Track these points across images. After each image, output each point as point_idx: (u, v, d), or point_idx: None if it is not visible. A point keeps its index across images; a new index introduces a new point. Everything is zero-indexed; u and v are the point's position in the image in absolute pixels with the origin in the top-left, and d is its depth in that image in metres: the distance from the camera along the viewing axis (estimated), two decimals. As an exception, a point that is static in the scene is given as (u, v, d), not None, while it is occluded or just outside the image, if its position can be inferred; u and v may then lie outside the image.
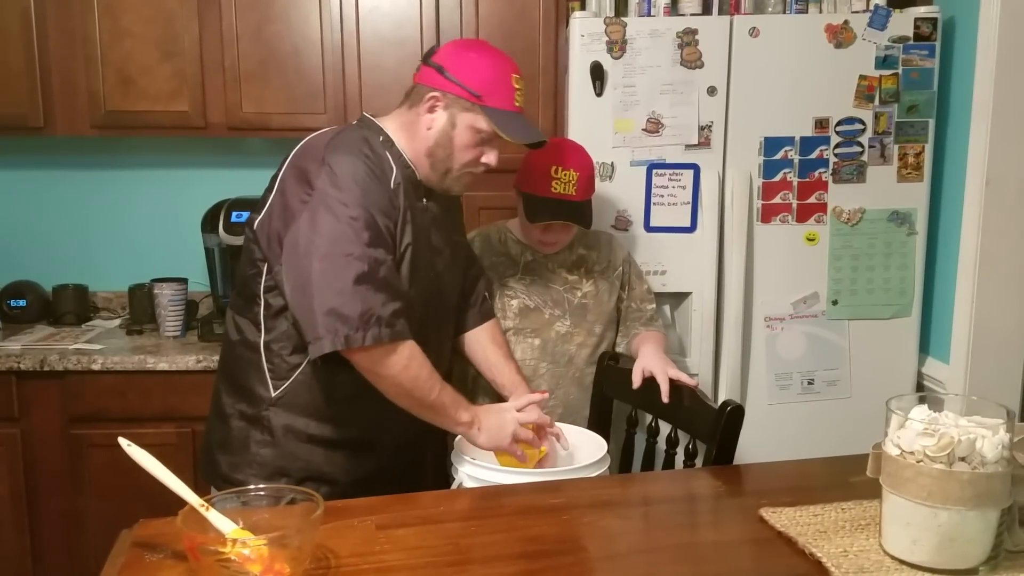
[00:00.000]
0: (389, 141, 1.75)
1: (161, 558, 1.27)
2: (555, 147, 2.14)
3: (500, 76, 1.72)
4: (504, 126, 1.71)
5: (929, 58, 2.46)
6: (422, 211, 1.77)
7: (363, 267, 1.58)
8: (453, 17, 2.71)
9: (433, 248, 1.80)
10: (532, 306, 2.20)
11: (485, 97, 1.70)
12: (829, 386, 2.58)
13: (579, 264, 2.26)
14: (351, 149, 1.68)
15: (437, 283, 1.83)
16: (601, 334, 2.25)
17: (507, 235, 2.28)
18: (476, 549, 1.31)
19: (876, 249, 2.54)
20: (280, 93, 2.74)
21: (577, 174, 2.07)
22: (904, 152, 2.51)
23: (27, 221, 3.11)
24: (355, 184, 1.63)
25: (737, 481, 1.66)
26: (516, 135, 1.73)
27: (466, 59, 1.72)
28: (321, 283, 1.58)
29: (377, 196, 1.65)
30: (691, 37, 2.42)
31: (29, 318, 2.97)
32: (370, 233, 1.61)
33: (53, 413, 2.59)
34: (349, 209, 1.60)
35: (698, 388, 1.98)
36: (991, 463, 1.14)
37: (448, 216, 1.90)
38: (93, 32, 2.68)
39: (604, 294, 2.26)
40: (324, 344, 1.58)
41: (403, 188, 1.71)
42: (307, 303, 1.59)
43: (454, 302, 1.97)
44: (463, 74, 1.70)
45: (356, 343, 1.57)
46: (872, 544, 1.26)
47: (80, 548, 2.63)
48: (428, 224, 1.79)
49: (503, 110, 1.72)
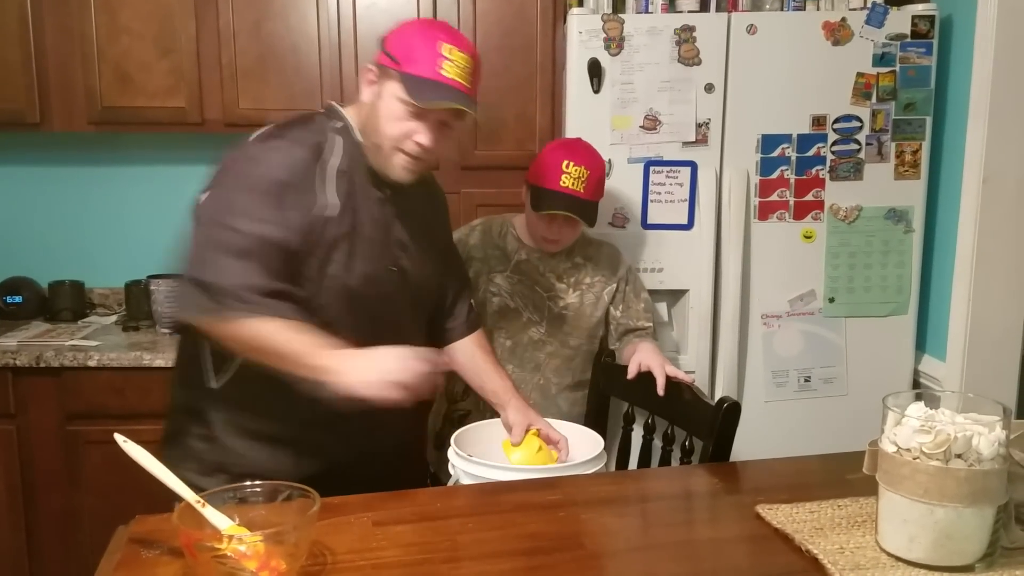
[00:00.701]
0: (346, 128, 1.67)
1: (157, 554, 1.27)
2: (570, 144, 2.16)
3: (425, 42, 1.58)
4: (413, 89, 1.56)
5: (926, 56, 2.46)
6: (379, 202, 1.68)
7: (240, 241, 1.50)
8: (450, 14, 2.70)
9: (396, 242, 1.71)
10: (512, 307, 2.19)
11: (404, 62, 1.58)
12: (826, 383, 2.58)
13: (571, 273, 2.24)
14: (279, 131, 1.63)
15: (401, 278, 1.73)
16: (576, 347, 2.23)
17: (509, 230, 2.27)
18: (473, 546, 1.31)
19: (873, 247, 2.54)
20: (277, 90, 2.74)
21: (588, 172, 2.08)
22: (901, 150, 2.51)
23: (23, 217, 3.11)
24: (266, 156, 1.57)
25: (734, 478, 1.66)
26: (421, 97, 1.56)
27: (399, 29, 1.64)
28: (197, 250, 1.53)
29: (292, 176, 1.56)
30: (689, 34, 2.42)
31: (25, 314, 2.97)
32: (263, 209, 1.52)
33: (49, 410, 2.59)
34: (245, 181, 1.54)
35: (694, 385, 1.98)
36: (987, 460, 1.14)
37: (424, 212, 1.81)
38: (90, 28, 2.68)
39: (588, 308, 2.23)
40: (183, 312, 1.53)
41: (351, 176, 1.63)
42: (182, 268, 1.55)
43: (426, 301, 1.87)
44: (390, 42, 1.62)
45: (214, 316, 1.50)
46: (868, 541, 1.26)
47: (76, 545, 2.63)
48: (388, 216, 1.69)
49: (421, 77, 1.57)
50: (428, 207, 1.86)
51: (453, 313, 1.97)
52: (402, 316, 1.77)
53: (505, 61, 2.72)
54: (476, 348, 1.97)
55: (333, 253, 1.61)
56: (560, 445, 1.84)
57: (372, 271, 1.66)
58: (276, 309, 1.50)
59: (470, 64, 1.61)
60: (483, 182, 2.37)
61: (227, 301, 1.49)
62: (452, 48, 1.58)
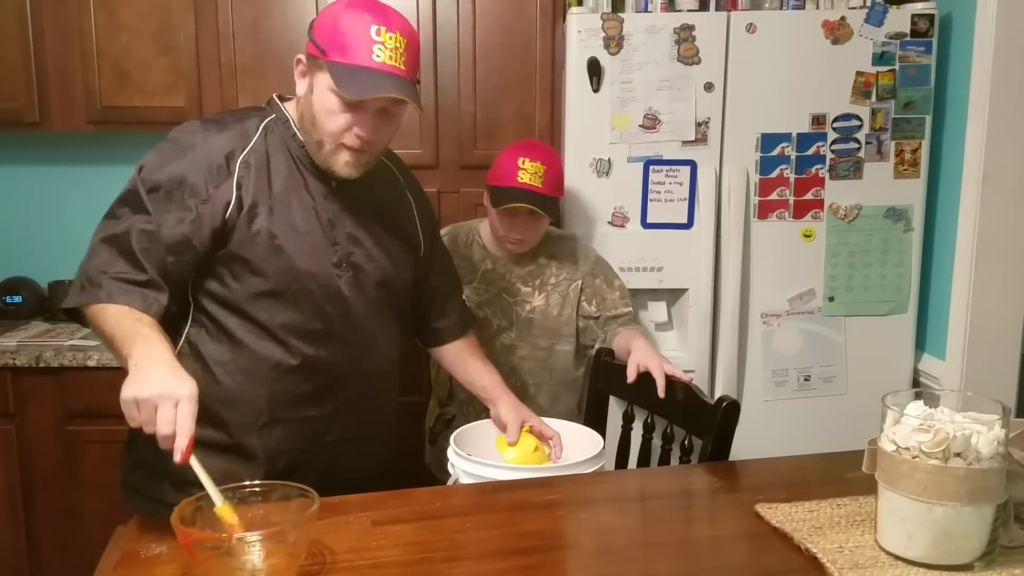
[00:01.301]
0: (280, 120, 1.61)
1: (156, 554, 1.27)
2: (526, 143, 2.19)
3: (353, 26, 1.45)
4: (343, 79, 1.45)
5: (926, 54, 2.46)
6: (324, 196, 1.60)
7: (117, 228, 1.49)
8: (450, 13, 2.70)
9: (346, 236, 1.63)
10: (480, 316, 2.20)
11: (331, 50, 1.46)
12: (825, 382, 2.58)
13: (536, 274, 2.24)
14: (185, 125, 1.60)
15: (354, 275, 1.64)
16: (548, 347, 2.23)
17: (475, 238, 2.27)
18: (471, 545, 1.31)
19: (872, 245, 2.54)
20: (276, 88, 2.66)
21: (544, 167, 2.10)
22: (901, 148, 2.51)
23: (23, 217, 3.11)
24: (159, 154, 1.53)
25: (733, 477, 1.66)
26: (352, 88, 1.45)
27: (324, 13, 1.52)
28: (92, 238, 1.54)
29: (196, 172, 1.51)
30: (688, 33, 2.42)
31: (25, 314, 2.96)
32: (151, 199, 1.49)
33: (49, 409, 2.59)
34: (141, 173, 1.52)
35: (693, 383, 1.98)
36: (986, 459, 1.14)
37: (384, 203, 1.72)
38: (89, 27, 2.67)
39: (554, 308, 2.23)
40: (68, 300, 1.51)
41: (265, 168, 1.56)
42: None
43: (396, 297, 1.77)
44: (317, 29, 1.51)
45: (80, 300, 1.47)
46: (868, 540, 1.26)
47: (76, 544, 2.63)
48: (333, 211, 1.61)
49: (351, 65, 1.45)
50: (390, 197, 1.76)
51: (444, 312, 1.92)
52: (361, 315, 1.67)
53: (504, 59, 2.72)
54: (466, 346, 1.95)
55: (254, 251, 1.54)
56: (553, 442, 1.84)
57: (311, 268, 1.58)
58: (126, 294, 1.44)
59: (403, 44, 1.48)
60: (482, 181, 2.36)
61: (85, 284, 1.47)
62: (381, 28, 1.46)
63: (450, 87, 2.73)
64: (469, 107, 2.73)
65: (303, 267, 1.57)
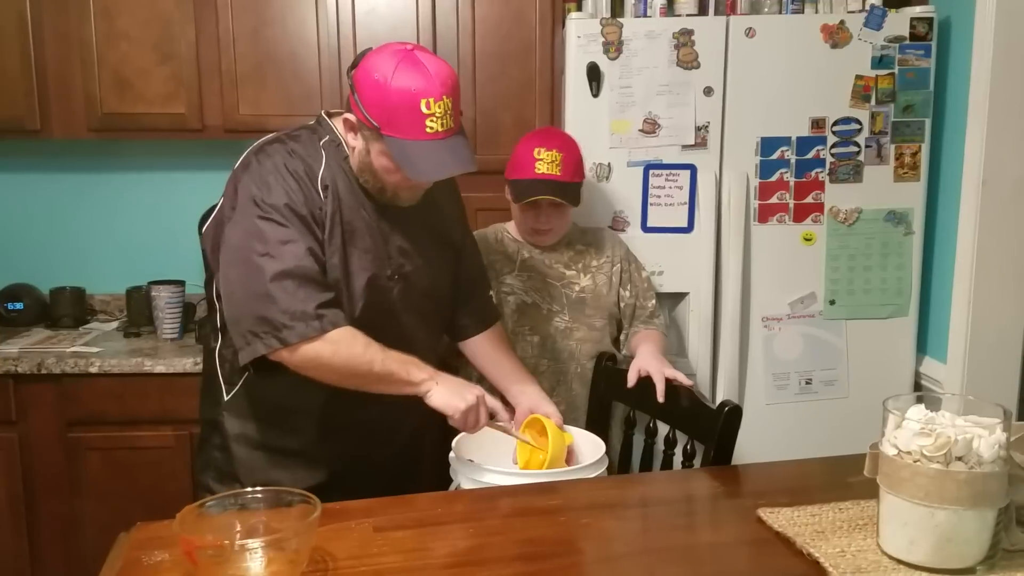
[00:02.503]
0: (336, 142, 1.69)
1: (159, 561, 1.26)
2: (539, 132, 2.21)
3: (405, 102, 1.53)
4: (406, 159, 1.55)
5: (925, 58, 2.47)
6: (376, 210, 1.70)
7: (278, 266, 1.54)
8: (449, 19, 2.71)
9: (397, 249, 1.73)
10: (530, 302, 2.21)
11: (385, 126, 1.55)
12: (826, 386, 2.58)
13: (576, 260, 2.27)
14: (273, 148, 1.65)
15: (404, 286, 1.75)
16: (602, 328, 2.25)
17: (504, 234, 2.29)
18: (474, 551, 1.31)
19: (873, 249, 2.54)
20: (277, 96, 2.74)
21: (561, 154, 2.09)
22: (900, 152, 2.51)
23: (24, 224, 3.11)
24: (271, 181, 1.59)
25: (735, 481, 1.66)
26: (418, 171, 1.57)
27: (370, 83, 1.56)
28: (240, 289, 1.57)
29: (296, 189, 1.60)
30: (687, 38, 2.43)
31: (26, 321, 2.96)
32: (287, 228, 1.57)
33: (50, 416, 2.59)
34: (262, 208, 1.57)
35: (695, 387, 1.98)
36: (988, 463, 1.14)
37: (430, 213, 1.80)
38: (89, 35, 2.68)
39: (603, 288, 2.26)
40: (252, 349, 1.56)
41: (336, 190, 1.65)
42: (232, 311, 1.60)
43: (439, 308, 1.89)
44: (366, 98, 1.57)
45: (279, 344, 1.54)
46: (870, 544, 1.26)
47: (77, 551, 2.63)
48: (385, 225, 1.71)
49: (408, 140, 1.54)
50: (435, 205, 1.82)
51: (468, 308, 1.97)
52: (409, 325, 1.77)
53: (504, 65, 2.72)
54: (492, 339, 1.98)
55: (329, 264, 1.63)
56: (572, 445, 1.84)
57: (371, 281, 1.68)
58: (336, 319, 1.57)
59: (449, 104, 1.56)
60: (482, 186, 2.37)
61: (295, 325, 1.53)
62: (430, 100, 1.53)
63: (450, 93, 2.73)
64: (469, 113, 2.73)
65: (366, 280, 1.67)
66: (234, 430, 1.76)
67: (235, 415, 1.76)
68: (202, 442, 1.83)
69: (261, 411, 1.74)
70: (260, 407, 1.74)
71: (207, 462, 1.81)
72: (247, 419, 1.75)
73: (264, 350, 1.55)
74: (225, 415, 1.76)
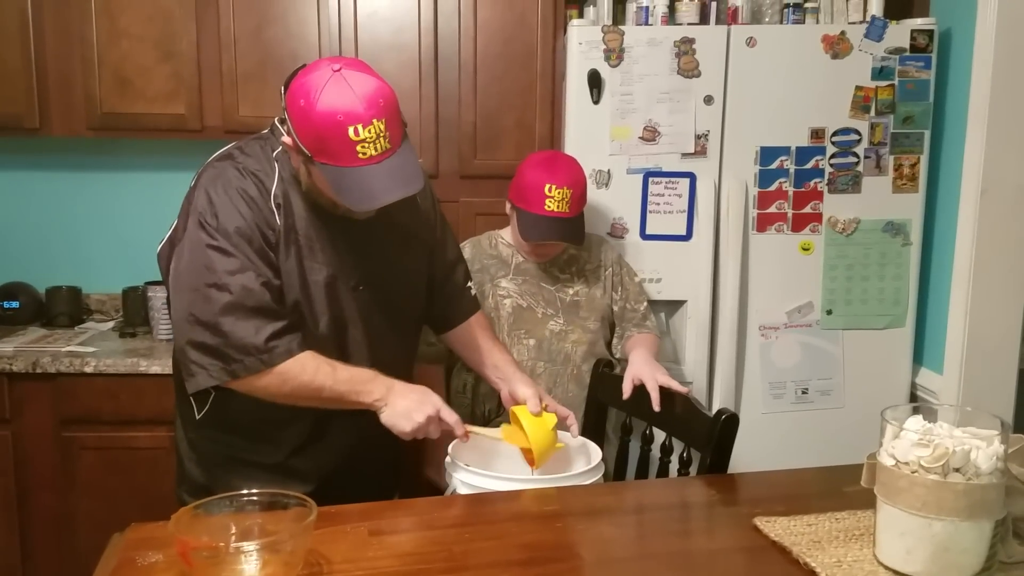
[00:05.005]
0: (286, 154, 1.62)
1: (153, 562, 1.26)
2: (548, 163, 2.16)
3: (331, 131, 1.44)
4: (342, 188, 1.48)
5: (925, 69, 2.47)
6: (336, 222, 1.64)
7: (227, 297, 1.51)
8: (452, 23, 2.71)
9: (363, 259, 1.69)
10: (525, 306, 2.22)
11: (316, 154, 1.48)
12: (823, 395, 2.58)
13: (570, 264, 2.29)
14: (223, 166, 1.61)
15: (371, 297, 1.71)
16: (596, 330, 2.26)
17: (498, 240, 2.31)
18: (469, 556, 1.31)
19: (871, 259, 2.54)
20: (277, 96, 2.72)
21: (571, 192, 2.11)
22: (899, 163, 2.51)
23: (22, 222, 3.10)
24: (220, 204, 1.56)
25: (731, 490, 1.66)
26: (355, 200, 1.49)
27: (296, 109, 1.49)
28: (188, 318, 1.54)
29: (247, 212, 1.56)
30: (688, 46, 2.43)
31: (22, 319, 2.96)
32: (235, 257, 1.53)
33: (45, 415, 2.58)
34: (210, 234, 1.54)
35: (690, 394, 1.97)
36: (985, 474, 1.14)
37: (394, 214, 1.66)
38: (90, 33, 2.68)
39: (596, 291, 2.28)
40: (198, 380, 1.54)
41: (290, 205, 1.61)
42: (179, 340, 1.58)
43: (410, 306, 1.84)
44: (295, 124, 1.50)
45: (227, 377, 1.53)
46: (866, 554, 1.26)
47: (71, 550, 2.62)
48: (347, 237, 1.66)
49: (342, 167, 1.46)
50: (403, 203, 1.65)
51: (445, 300, 1.93)
52: (379, 333, 1.74)
53: (505, 70, 2.72)
54: (475, 328, 1.95)
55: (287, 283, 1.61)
56: (569, 420, 1.81)
57: (333, 293, 1.65)
58: (289, 348, 1.55)
59: (383, 126, 1.45)
60: (482, 191, 2.37)
61: (243, 359, 1.52)
62: (358, 127, 1.44)
63: (451, 97, 2.73)
64: (469, 117, 2.74)
65: (327, 292, 1.64)
66: (206, 444, 1.73)
67: (207, 429, 1.71)
68: (179, 459, 1.80)
69: (232, 426, 1.69)
70: (231, 422, 1.69)
71: (183, 477, 1.79)
72: (219, 433, 1.71)
73: (211, 382, 1.54)
74: (199, 432, 1.73)
